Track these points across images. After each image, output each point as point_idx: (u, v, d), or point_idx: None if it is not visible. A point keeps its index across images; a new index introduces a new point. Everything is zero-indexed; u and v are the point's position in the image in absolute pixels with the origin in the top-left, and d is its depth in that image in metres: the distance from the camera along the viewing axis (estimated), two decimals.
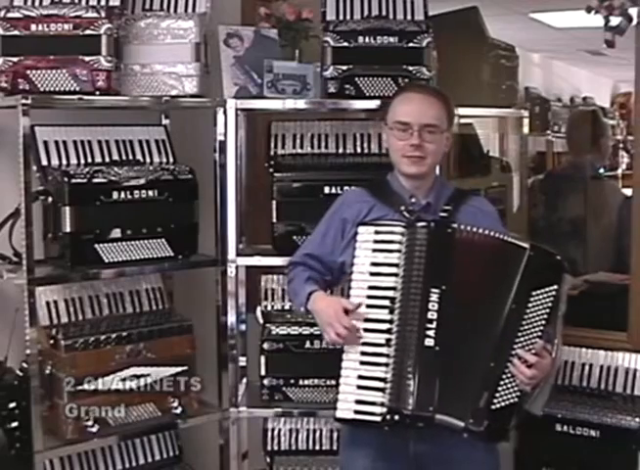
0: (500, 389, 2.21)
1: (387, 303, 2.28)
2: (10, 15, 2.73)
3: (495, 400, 2.20)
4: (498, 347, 2.22)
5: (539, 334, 2.21)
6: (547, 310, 2.22)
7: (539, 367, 2.20)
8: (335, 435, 3.11)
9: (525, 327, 2.21)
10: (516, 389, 2.22)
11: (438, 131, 2.41)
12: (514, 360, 2.20)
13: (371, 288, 2.31)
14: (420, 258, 2.27)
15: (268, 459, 3.19)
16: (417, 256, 2.27)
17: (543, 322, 2.22)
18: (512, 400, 2.21)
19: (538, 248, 2.26)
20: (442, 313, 2.23)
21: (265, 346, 2.95)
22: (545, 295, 2.22)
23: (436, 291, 2.24)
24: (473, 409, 2.20)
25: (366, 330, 2.29)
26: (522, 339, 2.21)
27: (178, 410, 2.95)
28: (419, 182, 2.44)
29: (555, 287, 2.22)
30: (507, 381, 2.21)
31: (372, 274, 2.31)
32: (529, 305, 2.22)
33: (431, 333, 2.23)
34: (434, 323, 2.23)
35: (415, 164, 2.40)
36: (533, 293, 2.22)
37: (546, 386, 2.31)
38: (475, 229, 2.28)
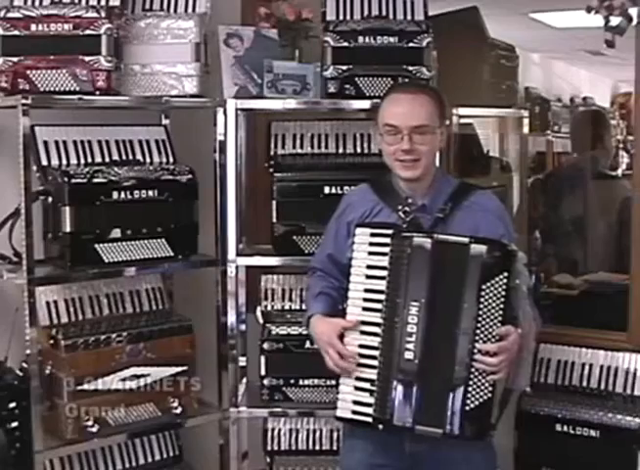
0: (470, 389, 2.20)
1: (378, 306, 2.28)
2: (10, 15, 2.73)
3: (468, 401, 2.19)
4: (460, 349, 2.20)
5: (499, 323, 2.18)
6: (502, 299, 2.18)
7: (504, 349, 2.18)
8: (335, 435, 3.11)
9: (482, 322, 2.19)
10: (486, 385, 2.20)
11: (430, 131, 2.35)
12: (476, 356, 2.18)
13: (366, 291, 2.31)
14: (404, 267, 2.26)
15: (268, 459, 3.19)
16: (401, 266, 2.26)
17: (500, 311, 2.18)
18: (485, 397, 2.20)
19: (478, 239, 2.21)
20: (421, 327, 2.23)
21: (265, 346, 2.95)
22: (496, 285, 2.18)
23: (416, 304, 2.24)
24: (448, 415, 2.20)
25: (362, 332, 2.30)
26: (481, 335, 2.19)
27: (178, 410, 2.95)
28: (416, 184, 2.40)
29: (505, 274, 2.18)
30: (475, 380, 2.20)
31: (367, 277, 2.31)
32: (481, 299, 2.18)
33: (410, 346, 2.24)
34: (414, 337, 2.24)
35: (409, 168, 2.35)
36: (483, 286, 2.18)
37: (523, 360, 2.30)
38: (448, 237, 2.25)
